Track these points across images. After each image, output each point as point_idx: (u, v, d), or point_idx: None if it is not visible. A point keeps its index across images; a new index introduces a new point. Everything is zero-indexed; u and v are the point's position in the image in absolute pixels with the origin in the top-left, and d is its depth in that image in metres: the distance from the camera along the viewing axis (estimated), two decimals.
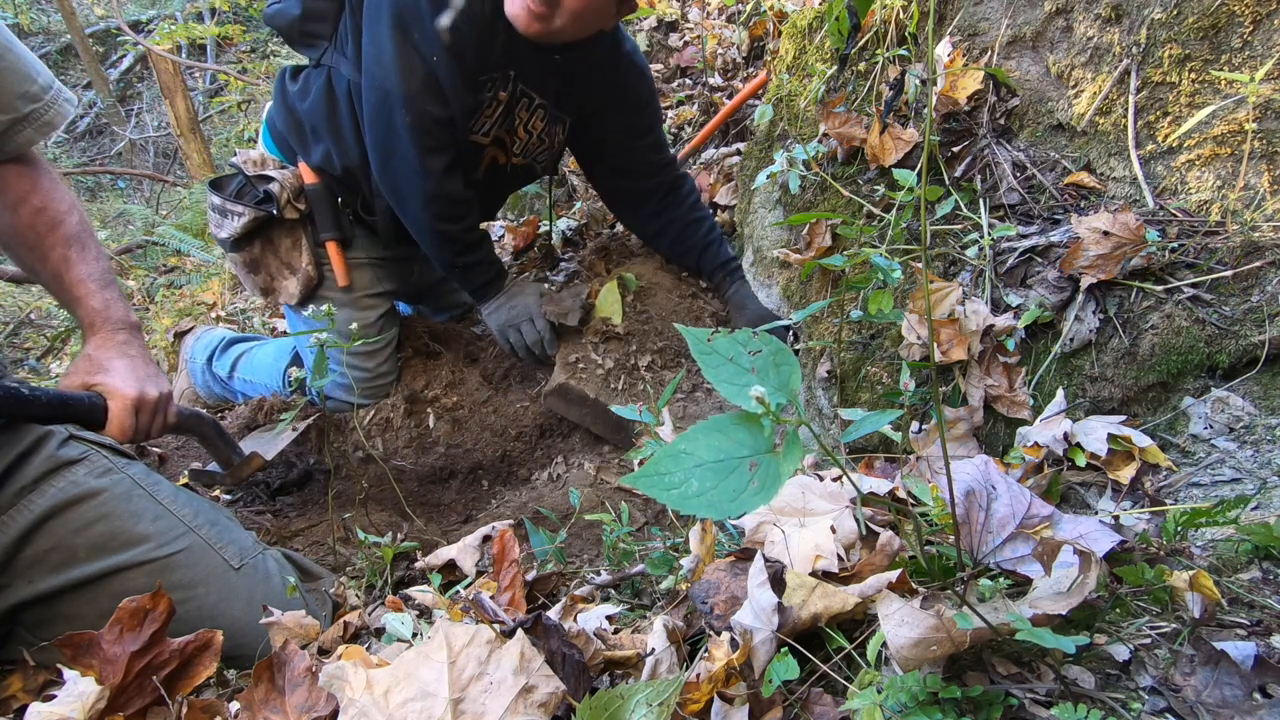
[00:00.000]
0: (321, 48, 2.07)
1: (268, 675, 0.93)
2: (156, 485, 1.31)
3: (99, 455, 1.28)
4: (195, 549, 1.27)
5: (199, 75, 8.31)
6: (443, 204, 2.00)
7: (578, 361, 2.11)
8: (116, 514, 1.23)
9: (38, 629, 1.19)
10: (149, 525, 1.25)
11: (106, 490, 1.24)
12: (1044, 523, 0.91)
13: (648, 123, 2.26)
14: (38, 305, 5.21)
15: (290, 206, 2.13)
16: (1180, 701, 0.71)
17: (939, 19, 1.61)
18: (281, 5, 2.09)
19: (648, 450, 1.31)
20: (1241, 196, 1.19)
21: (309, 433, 2.22)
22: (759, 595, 0.82)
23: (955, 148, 1.52)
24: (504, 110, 2.05)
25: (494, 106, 2.02)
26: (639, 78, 2.18)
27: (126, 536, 1.23)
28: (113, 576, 1.20)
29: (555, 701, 0.77)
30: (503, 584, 1.14)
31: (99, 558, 1.20)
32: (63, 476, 1.22)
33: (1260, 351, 1.12)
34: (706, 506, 0.65)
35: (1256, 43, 1.19)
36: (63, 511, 1.20)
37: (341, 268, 2.19)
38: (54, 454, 1.24)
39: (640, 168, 2.30)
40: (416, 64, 1.83)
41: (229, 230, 2.14)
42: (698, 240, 2.31)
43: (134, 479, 1.29)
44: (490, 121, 2.04)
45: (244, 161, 2.16)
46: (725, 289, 2.28)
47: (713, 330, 0.75)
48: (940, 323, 1.35)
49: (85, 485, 1.23)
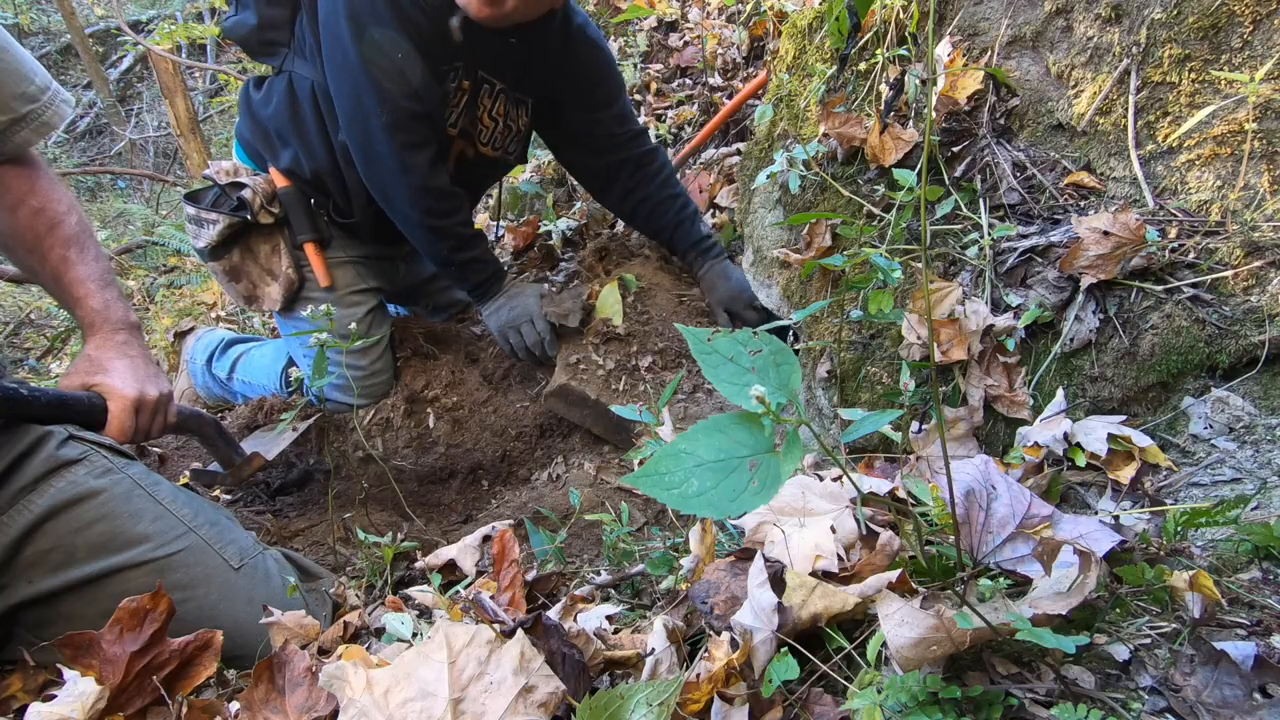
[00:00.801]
0: (281, 54, 2.09)
1: (268, 675, 0.93)
2: (156, 485, 1.31)
3: (99, 455, 1.28)
4: (195, 549, 1.27)
5: (199, 75, 8.31)
6: (430, 199, 2.01)
7: (579, 362, 2.11)
8: (116, 514, 1.23)
9: (38, 629, 1.19)
10: (149, 525, 1.25)
11: (106, 490, 1.24)
12: (1044, 523, 0.91)
13: (608, 95, 2.25)
14: (37, 305, 5.21)
15: (264, 211, 2.14)
16: (1180, 701, 0.71)
17: (939, 19, 1.61)
18: (239, 17, 2.11)
19: (647, 450, 1.31)
20: (1241, 196, 1.19)
21: (309, 433, 2.22)
22: (759, 595, 0.82)
23: (955, 148, 1.52)
24: (468, 99, 2.06)
25: (459, 97, 2.03)
26: (594, 50, 2.19)
27: (126, 536, 1.23)
28: (113, 576, 1.20)
29: (555, 701, 0.77)
30: (502, 584, 1.14)
31: (99, 558, 1.20)
32: (62, 477, 1.22)
33: (1260, 351, 1.12)
34: (707, 506, 0.65)
35: (1256, 43, 1.19)
36: (62, 512, 1.20)
37: (321, 268, 2.19)
38: (53, 454, 1.24)
39: (606, 143, 2.30)
40: (383, 63, 1.84)
41: (206, 239, 2.15)
42: (670, 218, 2.31)
43: (134, 479, 1.29)
44: (456, 111, 2.06)
45: (217, 172, 2.17)
46: (698, 268, 2.28)
47: (713, 330, 0.75)
48: (940, 323, 1.35)
49: (85, 485, 1.23)
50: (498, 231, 3.10)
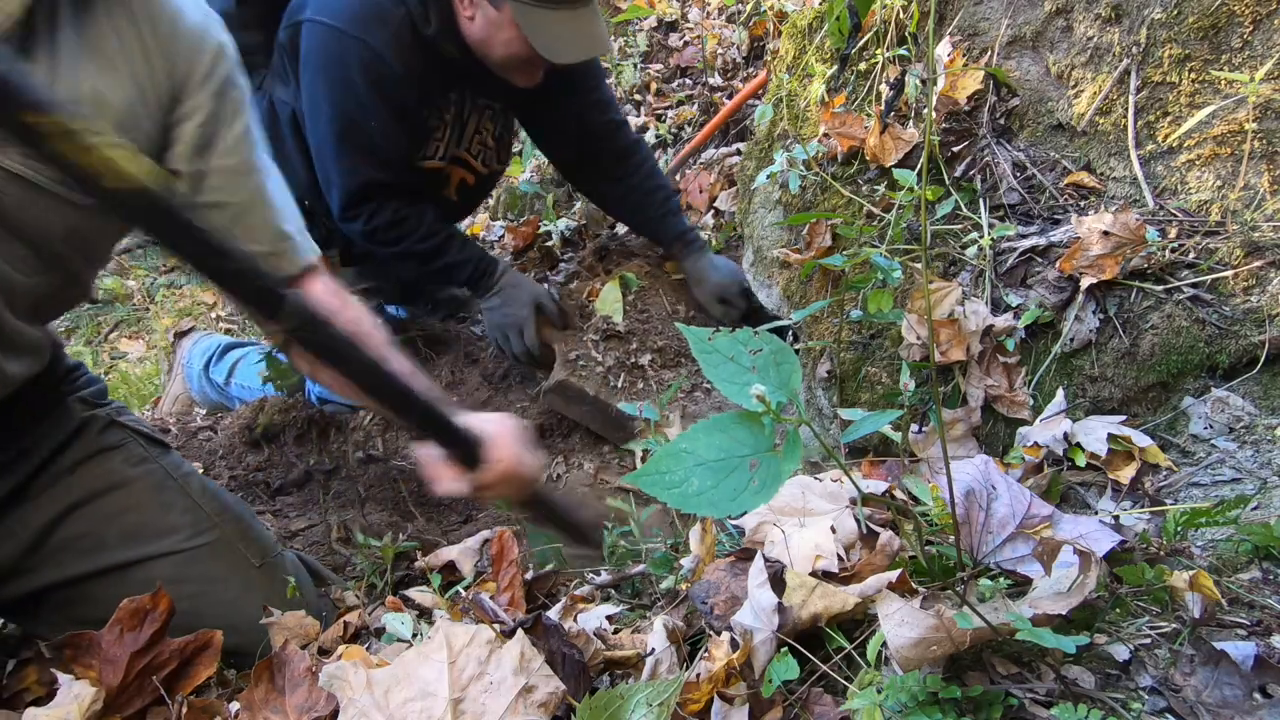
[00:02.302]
0: (260, 74, 2.08)
1: (268, 675, 0.93)
2: (188, 477, 1.33)
3: (136, 443, 1.29)
4: (220, 543, 1.28)
5: None
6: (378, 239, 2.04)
7: (578, 359, 2.11)
8: (148, 504, 1.25)
9: (63, 609, 1.21)
10: (179, 517, 1.27)
11: (140, 480, 1.26)
12: (1044, 523, 0.91)
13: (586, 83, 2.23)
14: None
15: None
16: (1180, 701, 0.71)
17: (939, 19, 1.61)
18: None
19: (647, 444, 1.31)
20: (1241, 196, 1.19)
21: (309, 432, 2.22)
22: (759, 595, 0.82)
23: (955, 148, 1.52)
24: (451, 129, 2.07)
25: (441, 129, 2.05)
26: None
27: (156, 527, 1.25)
28: (140, 565, 1.22)
29: (555, 701, 0.77)
30: (502, 584, 1.14)
31: (128, 545, 1.22)
32: (99, 463, 1.24)
33: (1260, 351, 1.12)
34: (707, 505, 0.65)
35: (1256, 43, 1.19)
36: (97, 498, 1.22)
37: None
38: (94, 440, 1.25)
39: (588, 133, 2.28)
40: (358, 139, 1.90)
41: None
42: (654, 212, 2.30)
43: (167, 470, 1.30)
44: (440, 144, 2.07)
45: None
46: (683, 260, 2.28)
47: (713, 329, 0.75)
48: (940, 323, 1.35)
49: (120, 474, 1.25)
50: (498, 231, 3.10)
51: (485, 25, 1.86)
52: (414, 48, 1.87)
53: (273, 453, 2.16)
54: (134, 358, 3.74)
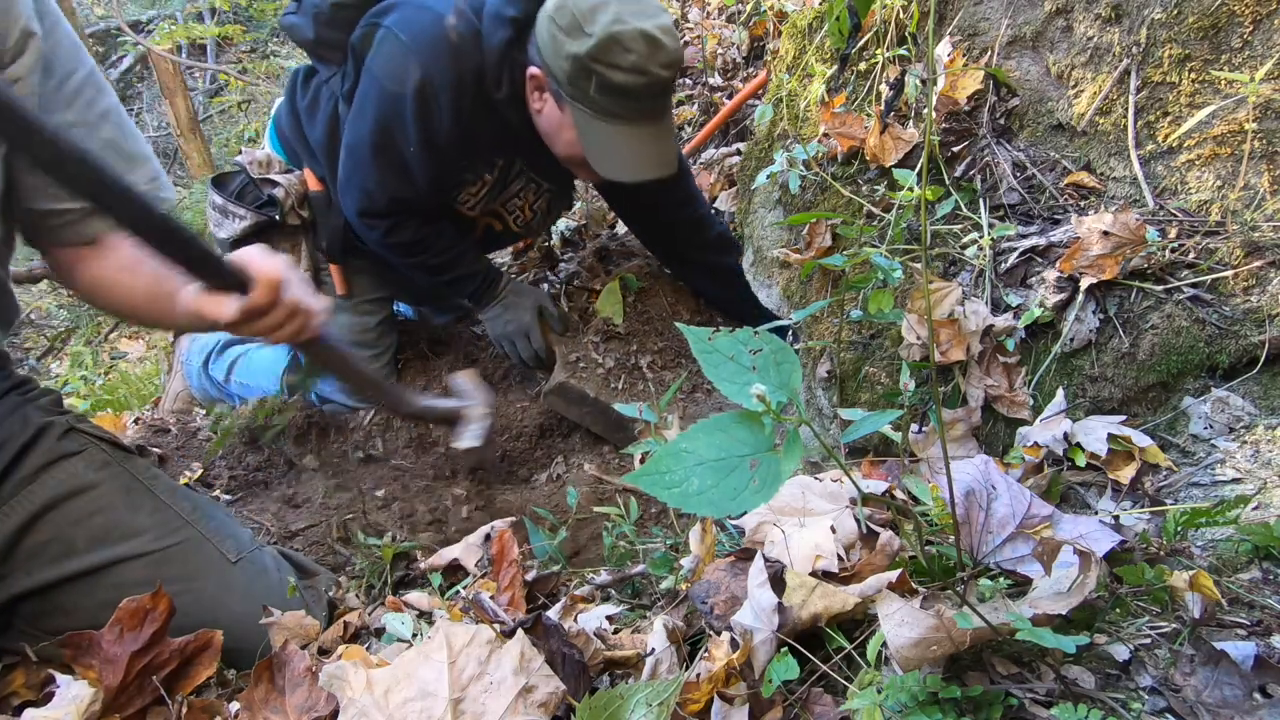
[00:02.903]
0: (334, 69, 2.06)
1: (268, 675, 0.93)
2: (155, 479, 1.31)
3: (98, 449, 1.28)
4: (193, 541, 1.27)
5: (199, 75, 8.30)
6: (395, 248, 2.04)
7: (578, 360, 2.11)
8: (115, 506, 1.24)
9: (36, 620, 1.19)
10: (147, 518, 1.25)
11: (105, 483, 1.25)
12: (1044, 523, 0.91)
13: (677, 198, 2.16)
14: (38, 305, 5.20)
15: (293, 213, 2.13)
16: (1180, 701, 0.71)
17: (939, 19, 1.61)
18: (297, 20, 2.07)
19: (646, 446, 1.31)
20: (1241, 196, 1.19)
21: (309, 432, 2.22)
22: (759, 595, 0.82)
23: (955, 148, 1.52)
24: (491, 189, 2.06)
25: (479, 186, 2.04)
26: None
27: (125, 528, 1.23)
28: (111, 568, 1.21)
29: (555, 701, 0.78)
30: (502, 584, 1.14)
31: (98, 549, 1.21)
32: (61, 469, 1.22)
33: (1260, 351, 1.12)
34: (707, 505, 0.65)
35: (1256, 43, 1.19)
36: (62, 503, 1.21)
37: (339, 276, 2.20)
38: (54, 446, 1.24)
39: (666, 225, 2.26)
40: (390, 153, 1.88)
41: (229, 231, 2.14)
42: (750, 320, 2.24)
43: (132, 473, 1.29)
44: (475, 199, 2.06)
45: (249, 162, 2.15)
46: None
47: (713, 329, 0.75)
48: (940, 323, 1.35)
49: (84, 478, 1.23)
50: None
51: (550, 120, 1.82)
52: (475, 101, 1.81)
53: (273, 453, 2.16)
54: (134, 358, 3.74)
